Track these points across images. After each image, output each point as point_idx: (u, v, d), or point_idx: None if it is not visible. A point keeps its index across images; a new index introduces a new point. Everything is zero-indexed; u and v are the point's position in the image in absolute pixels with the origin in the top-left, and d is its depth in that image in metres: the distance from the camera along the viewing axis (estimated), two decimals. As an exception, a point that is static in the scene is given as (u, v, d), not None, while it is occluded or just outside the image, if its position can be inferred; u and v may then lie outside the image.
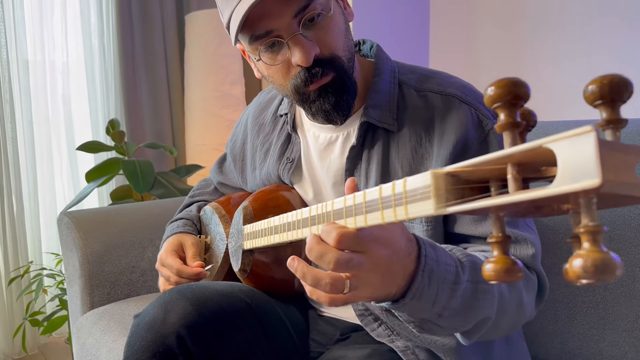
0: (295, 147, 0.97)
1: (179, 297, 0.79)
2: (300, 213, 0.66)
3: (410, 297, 0.57)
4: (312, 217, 0.62)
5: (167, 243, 1.02)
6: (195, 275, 0.95)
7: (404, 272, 0.56)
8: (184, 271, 0.95)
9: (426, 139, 0.82)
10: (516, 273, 0.39)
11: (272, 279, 0.95)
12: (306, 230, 0.67)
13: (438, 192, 0.42)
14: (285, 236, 0.73)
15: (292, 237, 0.71)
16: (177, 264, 0.96)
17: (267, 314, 0.89)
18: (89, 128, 2.42)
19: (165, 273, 0.98)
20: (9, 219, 2.17)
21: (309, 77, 0.78)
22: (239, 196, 1.15)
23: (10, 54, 2.17)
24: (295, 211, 0.67)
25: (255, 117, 1.09)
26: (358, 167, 0.87)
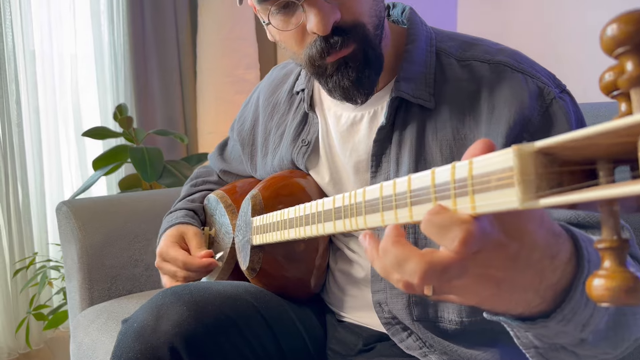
0: (313, 128, 0.85)
1: (173, 300, 0.67)
2: (321, 204, 0.56)
3: (558, 319, 0.41)
4: (337, 210, 0.52)
5: (166, 235, 0.91)
6: (205, 267, 0.84)
7: (539, 282, 0.40)
8: (192, 263, 0.84)
9: (471, 116, 0.70)
10: (639, 293, 0.27)
11: (285, 279, 0.83)
12: (329, 226, 0.55)
13: (526, 178, 0.30)
14: (303, 231, 0.61)
15: (312, 233, 0.59)
16: (183, 256, 0.85)
17: (278, 320, 0.77)
18: (98, 115, 2.32)
19: (169, 268, 0.87)
20: (14, 208, 2.08)
21: (326, 47, 0.67)
22: (247, 183, 1.03)
23: (16, 41, 2.07)
24: (315, 202, 0.57)
25: (267, 95, 0.97)
26: (387, 151, 0.74)
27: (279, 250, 0.80)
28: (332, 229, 0.55)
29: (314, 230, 0.60)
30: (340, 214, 0.52)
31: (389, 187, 0.43)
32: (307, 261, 0.84)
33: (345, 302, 0.85)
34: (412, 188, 0.40)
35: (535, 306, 0.41)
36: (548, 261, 0.39)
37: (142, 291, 1.35)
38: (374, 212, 0.45)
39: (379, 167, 0.75)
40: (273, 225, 0.72)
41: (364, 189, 0.47)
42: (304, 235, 0.63)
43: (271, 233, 0.73)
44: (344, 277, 0.86)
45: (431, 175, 0.38)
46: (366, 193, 0.48)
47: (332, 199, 0.53)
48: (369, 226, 0.47)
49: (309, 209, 0.60)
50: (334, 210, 0.53)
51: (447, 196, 0.37)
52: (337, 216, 0.52)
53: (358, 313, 0.84)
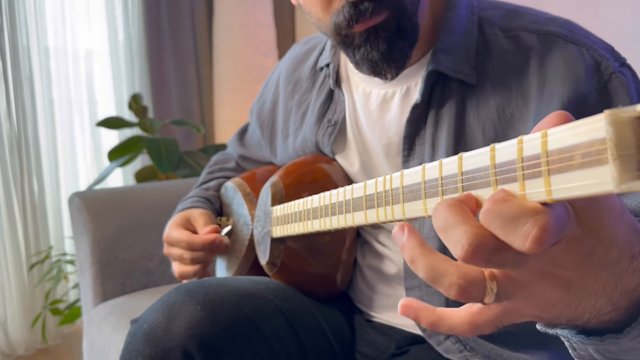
0: (339, 106, 0.77)
1: (186, 299, 0.61)
2: (350, 191, 0.49)
3: (633, 335, 0.34)
4: (369, 197, 0.45)
5: (171, 221, 0.85)
6: (210, 244, 0.78)
7: (613, 287, 0.33)
8: (194, 241, 0.78)
9: (518, 93, 0.62)
10: None
11: (308, 275, 0.76)
12: (359, 216, 0.48)
13: (623, 152, 0.24)
14: (329, 222, 0.54)
15: (340, 225, 0.52)
16: (185, 235, 0.79)
17: (302, 319, 0.70)
18: (113, 105, 2.27)
19: (175, 252, 0.81)
20: (29, 201, 2.04)
21: (355, 14, 0.60)
22: (266, 171, 0.96)
23: (30, 31, 2.03)
24: (343, 188, 0.51)
25: (289, 73, 0.90)
26: (422, 132, 0.67)
27: (302, 243, 0.73)
28: (363, 219, 0.47)
29: (341, 222, 0.52)
30: (372, 202, 0.45)
31: (433, 169, 0.36)
32: (333, 255, 0.76)
33: (375, 300, 0.78)
34: (464, 170, 0.33)
35: (605, 314, 0.34)
36: (627, 262, 0.32)
37: (157, 286, 1.29)
38: (415, 200, 0.38)
39: (411, 150, 0.68)
40: (295, 215, 0.65)
41: (402, 171, 0.40)
42: (329, 227, 0.56)
43: (293, 224, 0.66)
44: (373, 273, 0.78)
45: (490, 153, 0.31)
46: (404, 177, 0.40)
47: (362, 185, 0.46)
48: (408, 216, 0.40)
49: (336, 196, 0.53)
50: (365, 197, 0.46)
51: (512, 179, 0.29)
52: (369, 205, 0.45)
53: (390, 313, 0.76)
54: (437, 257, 0.32)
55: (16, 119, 2.00)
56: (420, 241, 0.33)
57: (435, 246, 0.64)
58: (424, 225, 0.67)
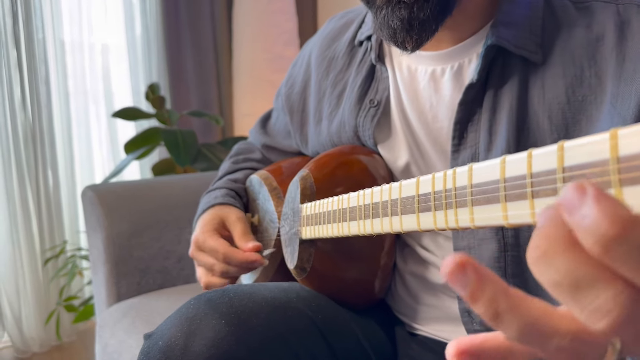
0: (382, 84, 0.68)
1: (208, 311, 0.52)
2: (397, 188, 0.41)
3: None
4: (422, 197, 0.38)
5: (203, 220, 0.76)
6: (250, 264, 0.69)
7: None
8: (234, 257, 0.69)
9: (592, 72, 0.54)
10: None
11: (342, 282, 0.67)
12: (410, 220, 0.39)
13: None
14: (369, 226, 0.46)
15: (383, 229, 0.44)
16: (223, 247, 0.70)
17: (339, 335, 0.61)
18: (130, 96, 2.20)
19: (206, 260, 0.72)
20: (44, 194, 1.98)
21: None
22: (295, 163, 0.87)
23: (45, 21, 1.96)
24: (389, 185, 0.43)
25: (322, 49, 0.80)
26: (476, 117, 0.58)
27: (335, 245, 0.64)
28: (415, 224, 0.39)
29: (385, 226, 0.44)
30: (428, 204, 0.37)
31: (516, 163, 0.28)
32: (370, 259, 0.67)
33: (420, 311, 0.69)
34: (566, 165, 0.24)
35: None
36: None
37: (175, 285, 1.22)
38: (491, 203, 0.30)
39: (462, 138, 0.59)
40: (327, 215, 0.56)
41: (470, 165, 0.32)
42: (370, 232, 0.47)
43: (325, 225, 0.57)
44: (416, 281, 0.69)
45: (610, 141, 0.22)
46: (474, 172, 0.32)
47: (415, 182, 0.39)
48: (478, 224, 0.32)
49: (379, 194, 0.45)
50: (418, 198, 0.38)
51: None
52: (424, 207, 0.37)
53: (436, 325, 0.67)
54: (536, 308, 0.22)
55: (31, 111, 1.94)
56: (502, 286, 0.22)
57: (493, 248, 0.55)
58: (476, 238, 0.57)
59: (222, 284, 0.72)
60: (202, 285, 0.75)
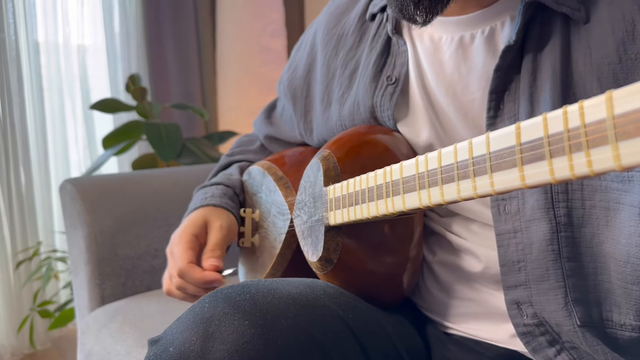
0: (399, 59, 0.62)
1: (228, 311, 0.44)
2: (434, 158, 0.40)
3: None
4: (460, 164, 0.37)
5: (188, 221, 0.71)
6: (204, 283, 0.64)
7: None
8: (189, 274, 0.64)
9: None
10: None
11: (370, 275, 0.60)
12: (450, 190, 0.38)
13: None
14: (416, 199, 0.42)
15: (423, 202, 0.41)
16: (183, 261, 0.65)
17: (372, 336, 0.53)
18: (108, 88, 2.09)
19: (170, 268, 0.69)
20: (15, 193, 1.86)
21: None
22: (298, 152, 0.80)
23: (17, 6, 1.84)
24: (423, 156, 0.42)
25: (329, 27, 0.74)
26: (514, 85, 0.53)
27: (361, 234, 0.57)
28: (455, 193, 0.37)
29: (424, 199, 0.41)
30: (466, 170, 0.36)
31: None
32: (399, 250, 0.60)
33: (453, 306, 0.62)
34: None
35: None
36: None
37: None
38: (539, 160, 0.31)
39: (498, 109, 0.53)
40: (360, 194, 0.50)
41: (519, 124, 0.32)
42: (415, 206, 0.42)
43: (359, 206, 0.50)
44: (448, 271, 0.62)
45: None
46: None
47: (452, 149, 0.38)
48: (530, 183, 0.32)
49: (414, 167, 0.42)
50: (457, 165, 0.37)
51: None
52: (462, 174, 0.37)
53: (473, 323, 0.60)
54: None
55: (0, 105, 1.81)
56: None
57: (544, 229, 0.49)
58: (525, 204, 0.52)
59: (181, 297, 0.68)
60: (163, 289, 0.71)
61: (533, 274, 0.52)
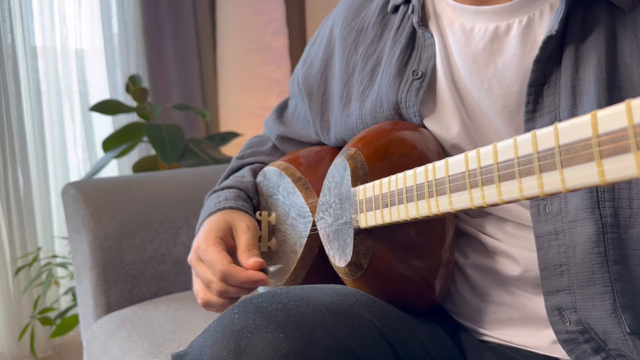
0: (425, 52, 0.59)
1: (260, 322, 0.41)
2: (474, 158, 0.38)
3: None
4: (522, 159, 0.34)
5: (209, 224, 0.66)
6: (251, 283, 0.59)
7: None
8: (234, 276, 0.59)
9: None
10: None
11: (402, 280, 0.56)
12: (491, 192, 0.36)
13: None
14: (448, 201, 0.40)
15: (464, 204, 0.39)
16: (223, 264, 0.60)
17: (410, 348, 0.50)
18: (107, 90, 2.05)
19: (204, 275, 0.62)
20: (14, 197, 1.81)
21: None
22: (314, 152, 0.77)
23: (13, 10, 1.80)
24: (462, 155, 0.39)
25: (348, 21, 0.71)
26: (553, 78, 0.50)
27: (392, 237, 0.54)
28: (517, 192, 0.34)
29: (489, 195, 0.37)
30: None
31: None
32: (431, 253, 0.57)
33: (488, 312, 0.58)
34: None
35: None
36: None
37: (171, 293, 1.09)
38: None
39: (537, 103, 0.50)
40: (396, 195, 0.47)
41: (595, 113, 0.29)
42: (465, 206, 0.39)
43: (395, 207, 0.47)
44: (482, 275, 0.59)
45: None
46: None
47: (510, 143, 0.35)
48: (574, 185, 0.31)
49: (463, 163, 0.39)
50: (518, 160, 0.34)
51: None
52: (525, 171, 0.34)
53: (511, 329, 0.57)
54: None
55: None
56: None
57: (589, 231, 0.47)
58: (568, 204, 0.48)
59: (220, 304, 0.63)
60: (199, 301, 0.65)
61: (577, 278, 0.48)
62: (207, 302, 0.63)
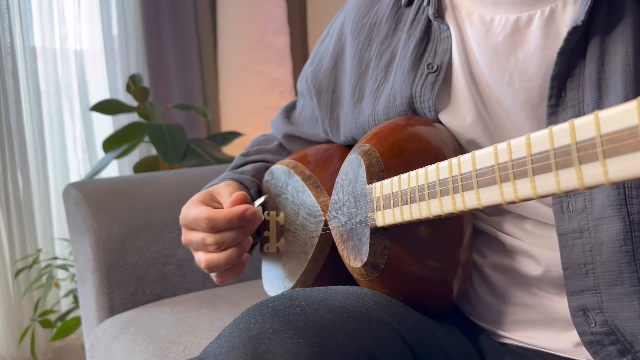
0: (441, 45, 0.57)
1: (278, 327, 0.39)
2: (504, 150, 0.36)
3: None
4: (559, 151, 0.32)
5: (190, 200, 0.64)
6: (239, 218, 0.56)
7: None
8: (218, 218, 0.56)
9: None
10: None
11: (420, 281, 0.54)
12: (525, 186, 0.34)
13: None
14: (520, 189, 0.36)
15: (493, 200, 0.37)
16: (205, 211, 0.57)
17: (430, 352, 0.48)
18: (107, 90, 2.03)
19: (196, 237, 0.58)
20: (13, 199, 1.79)
21: None
22: (322, 150, 0.75)
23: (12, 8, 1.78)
24: (491, 147, 0.37)
25: (360, 16, 0.69)
26: (577, 71, 0.48)
27: (410, 235, 0.52)
28: (554, 185, 0.32)
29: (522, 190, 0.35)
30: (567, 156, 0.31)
31: None
32: (449, 252, 0.55)
33: (507, 313, 0.57)
34: None
35: None
36: None
37: (175, 295, 1.07)
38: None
39: (560, 97, 0.49)
40: (417, 191, 0.45)
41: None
42: (495, 202, 0.37)
43: (416, 205, 0.45)
44: (500, 275, 0.57)
45: None
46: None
47: (545, 133, 0.32)
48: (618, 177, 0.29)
49: (492, 156, 0.37)
50: (555, 152, 0.32)
51: None
52: (562, 162, 0.32)
53: (531, 331, 0.55)
54: None
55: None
56: None
57: (616, 228, 0.45)
58: (593, 200, 0.47)
59: (226, 258, 0.58)
60: (203, 267, 0.59)
61: (603, 277, 0.47)
62: (210, 262, 0.58)
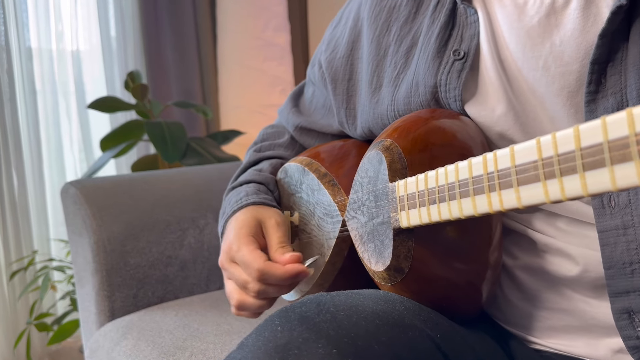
0: (468, 30, 0.54)
1: (308, 336, 0.35)
2: (548, 143, 0.32)
3: None
4: (613, 144, 0.28)
5: (237, 223, 0.60)
6: (291, 279, 0.54)
7: None
8: (272, 274, 0.54)
9: None
10: None
11: (447, 285, 0.51)
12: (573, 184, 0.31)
13: None
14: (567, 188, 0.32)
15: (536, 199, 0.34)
16: (260, 262, 0.54)
17: (462, 359, 0.45)
18: (104, 88, 1.99)
19: (239, 276, 0.56)
20: (8, 199, 1.75)
21: None
22: (337, 147, 0.71)
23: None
24: (533, 141, 0.34)
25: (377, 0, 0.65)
26: (619, 55, 0.45)
27: (436, 236, 0.49)
28: (609, 182, 0.29)
29: (570, 188, 0.32)
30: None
31: None
32: (478, 254, 0.51)
33: (540, 319, 0.53)
34: None
35: None
36: None
37: (178, 298, 1.03)
38: None
39: (600, 83, 0.45)
40: (446, 190, 0.42)
41: None
42: (539, 201, 0.34)
43: (446, 204, 0.42)
44: (532, 278, 0.54)
45: None
46: None
47: (598, 124, 0.29)
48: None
49: (534, 150, 0.33)
50: (609, 145, 0.29)
51: None
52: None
53: (566, 338, 0.52)
54: None
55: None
56: None
57: None
58: (638, 195, 0.44)
59: (259, 305, 0.58)
60: (233, 304, 0.59)
61: None
62: (242, 304, 0.57)
